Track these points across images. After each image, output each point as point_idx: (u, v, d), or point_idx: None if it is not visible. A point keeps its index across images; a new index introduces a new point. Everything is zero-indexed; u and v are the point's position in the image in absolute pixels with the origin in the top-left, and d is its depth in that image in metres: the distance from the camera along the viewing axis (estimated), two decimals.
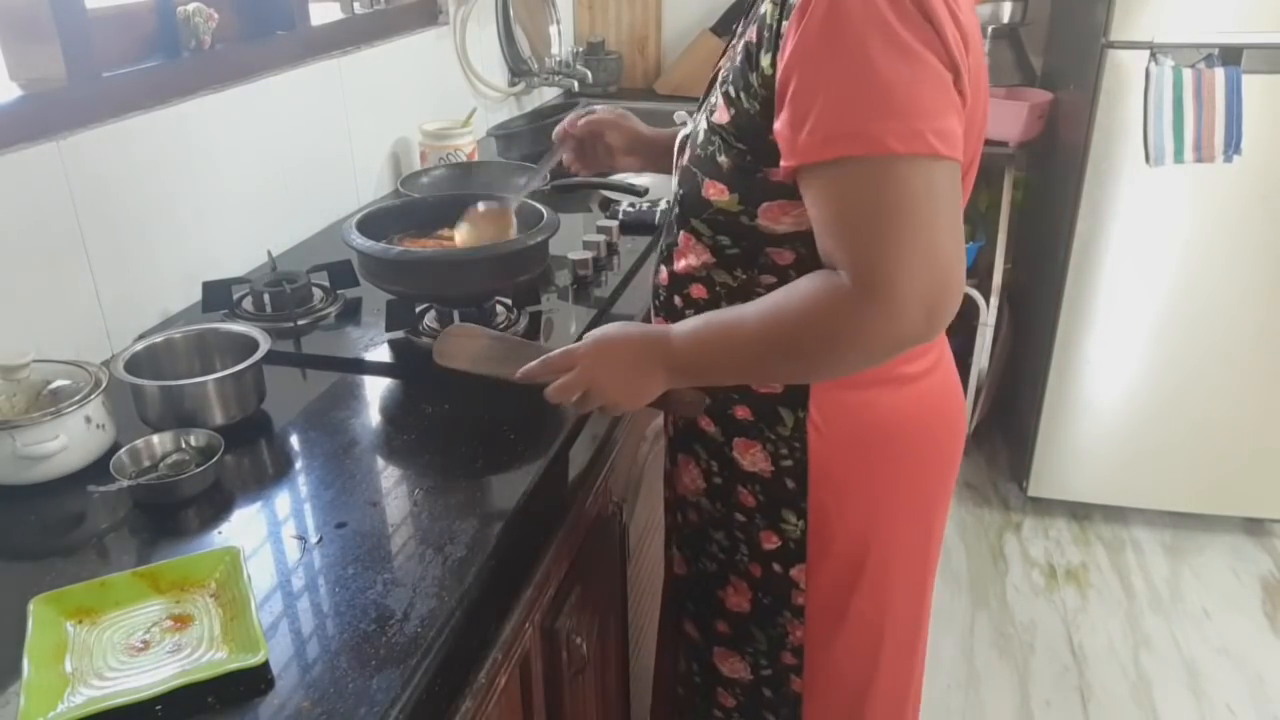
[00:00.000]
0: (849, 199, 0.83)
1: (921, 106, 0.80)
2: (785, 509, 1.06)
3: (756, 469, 1.06)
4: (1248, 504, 2.52)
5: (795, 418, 1.01)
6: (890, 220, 0.81)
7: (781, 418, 1.02)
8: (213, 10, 1.49)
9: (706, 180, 0.97)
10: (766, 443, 1.04)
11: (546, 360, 0.98)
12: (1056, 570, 2.44)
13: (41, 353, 1.08)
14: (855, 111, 0.80)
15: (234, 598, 0.83)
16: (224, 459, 1.01)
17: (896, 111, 0.79)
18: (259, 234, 1.56)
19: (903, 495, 1.08)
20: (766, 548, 1.09)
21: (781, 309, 0.89)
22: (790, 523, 1.06)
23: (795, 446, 1.02)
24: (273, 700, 0.73)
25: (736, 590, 1.14)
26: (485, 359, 1.04)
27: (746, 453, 1.06)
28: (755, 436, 1.04)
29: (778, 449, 1.03)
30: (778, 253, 0.96)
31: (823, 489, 1.03)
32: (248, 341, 1.15)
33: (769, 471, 1.05)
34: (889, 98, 0.79)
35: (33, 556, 0.92)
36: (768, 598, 1.11)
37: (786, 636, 1.13)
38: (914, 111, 0.79)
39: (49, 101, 1.23)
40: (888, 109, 0.79)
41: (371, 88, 1.86)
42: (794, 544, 1.07)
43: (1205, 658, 2.15)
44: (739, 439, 1.06)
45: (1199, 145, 2.14)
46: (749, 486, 1.07)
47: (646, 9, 2.84)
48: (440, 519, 0.94)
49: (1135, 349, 2.38)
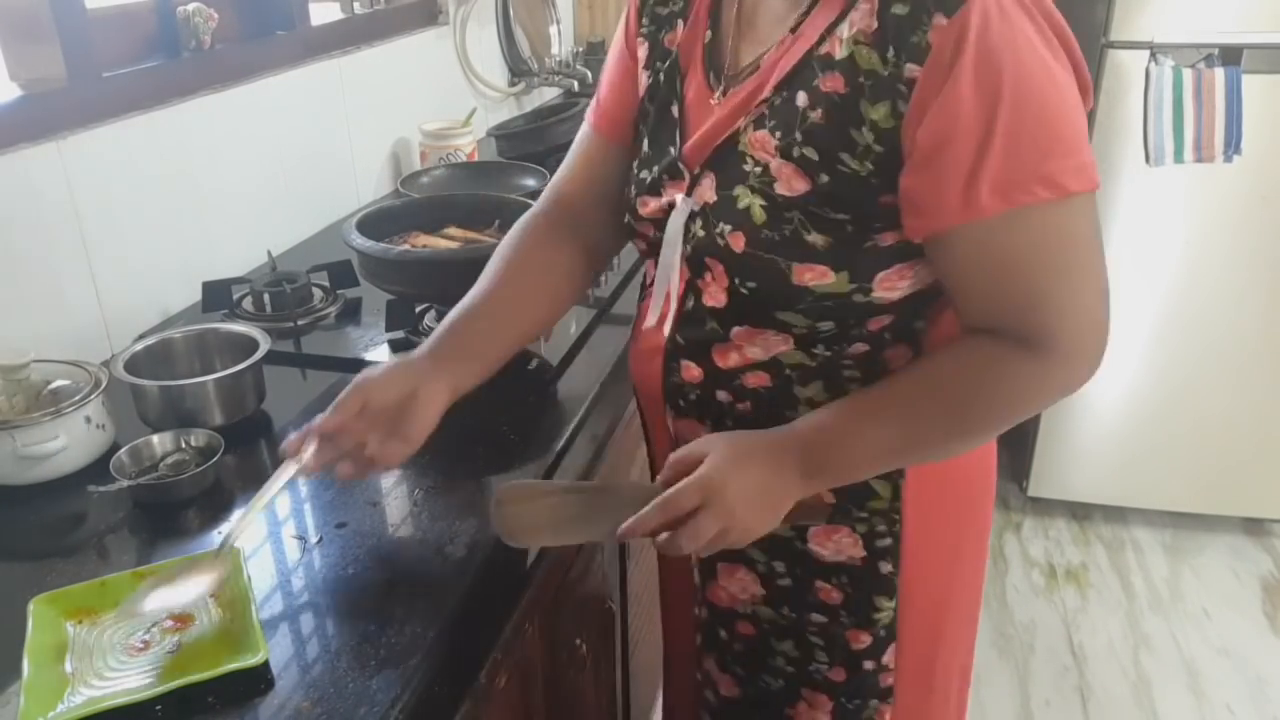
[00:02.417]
0: (1024, 251, 0.75)
1: (1080, 138, 0.74)
2: (878, 595, 0.93)
3: (843, 558, 0.92)
4: (1248, 504, 2.52)
5: (892, 486, 0.89)
6: (1070, 267, 0.76)
7: (875, 491, 0.89)
8: (213, 10, 1.49)
9: (795, 265, 0.81)
10: (856, 524, 0.91)
11: (665, 504, 0.77)
12: (1056, 570, 2.44)
13: (41, 353, 1.07)
14: (1032, 157, 0.72)
15: (234, 598, 0.83)
16: (224, 459, 1.01)
17: (1067, 148, 0.73)
18: (259, 234, 1.56)
19: (971, 543, 0.99)
20: (855, 648, 0.96)
21: (949, 385, 0.80)
22: (884, 609, 0.94)
23: (894, 519, 0.90)
24: (273, 700, 0.73)
25: (813, 705, 1.00)
26: (566, 523, 0.84)
27: (828, 542, 0.92)
28: (840, 521, 0.91)
29: (872, 528, 0.91)
30: (876, 320, 0.85)
31: (916, 557, 0.92)
32: (248, 341, 1.15)
33: (860, 558, 0.92)
34: (1059, 134, 0.73)
35: (33, 556, 0.92)
36: (853, 701, 0.99)
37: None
38: (1078, 145, 0.74)
39: (49, 101, 1.23)
40: (1060, 146, 0.73)
41: (371, 88, 1.86)
42: (885, 630, 0.95)
43: (1205, 658, 2.15)
44: (816, 529, 0.92)
45: (1199, 145, 2.13)
46: (832, 580, 0.94)
47: None
48: (440, 519, 0.94)
49: (1135, 349, 2.38)
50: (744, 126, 0.83)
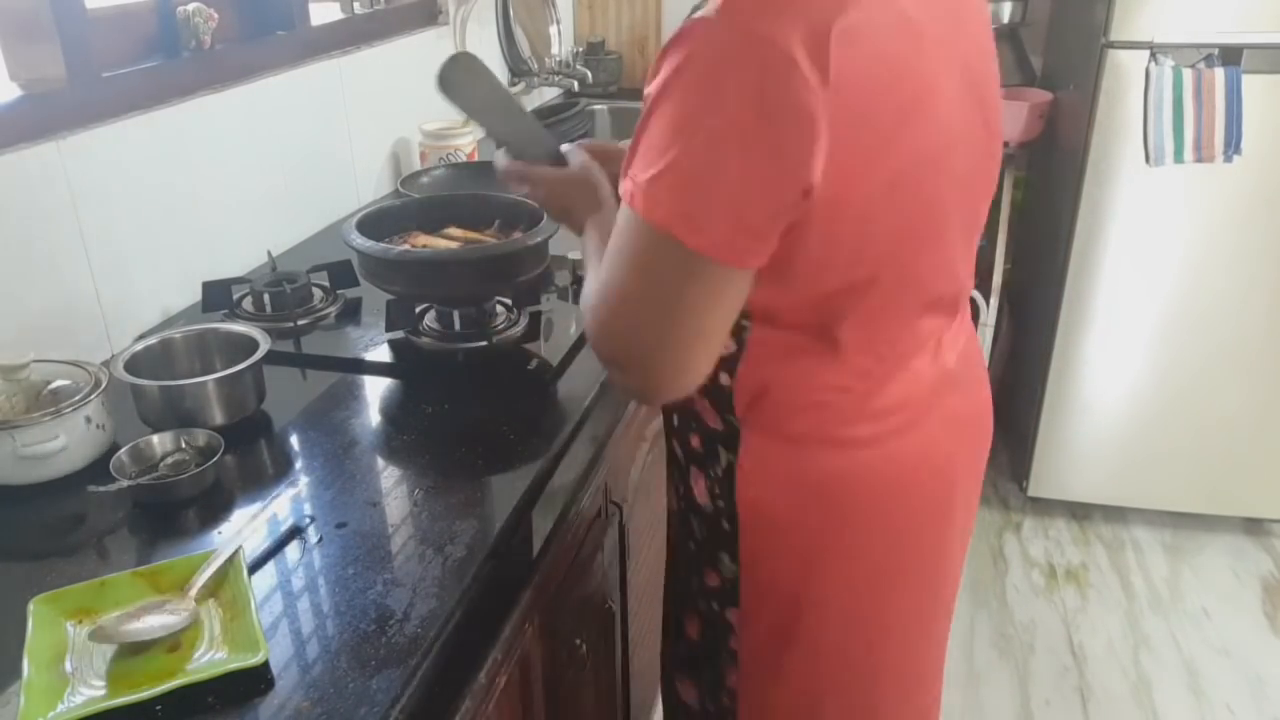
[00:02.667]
0: (612, 239, 0.83)
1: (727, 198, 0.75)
2: (721, 550, 1.01)
3: (701, 501, 1.01)
4: (1248, 504, 2.52)
5: (727, 459, 0.96)
6: (624, 273, 0.81)
7: (719, 456, 0.97)
8: (213, 10, 1.49)
9: None
10: (708, 479, 1.00)
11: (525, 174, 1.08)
12: (1056, 570, 2.44)
13: (41, 353, 1.07)
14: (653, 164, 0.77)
15: (234, 598, 0.83)
16: (224, 459, 1.01)
17: (693, 190, 0.76)
18: (259, 234, 1.56)
19: (842, 563, 0.98)
20: (709, 585, 1.05)
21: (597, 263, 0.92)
22: (725, 564, 1.01)
23: (727, 488, 0.97)
24: (273, 700, 0.73)
25: (690, 620, 1.11)
26: (482, 108, 1.08)
27: (696, 482, 1.02)
28: (700, 468, 1.00)
29: (713, 487, 0.99)
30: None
31: (754, 537, 0.97)
32: (248, 341, 1.15)
33: (710, 508, 1.01)
34: (688, 171, 0.75)
35: (33, 556, 0.92)
36: (710, 634, 1.08)
37: (723, 679, 1.08)
38: (711, 199, 0.76)
39: (49, 101, 1.23)
40: (685, 182, 0.76)
41: (371, 88, 1.86)
42: (729, 585, 1.02)
43: (1205, 658, 2.15)
44: (693, 467, 1.02)
45: (1199, 145, 2.14)
46: (697, 517, 1.03)
47: (646, 9, 2.84)
48: (440, 519, 0.94)
49: (1135, 349, 2.38)
50: None
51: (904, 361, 0.93)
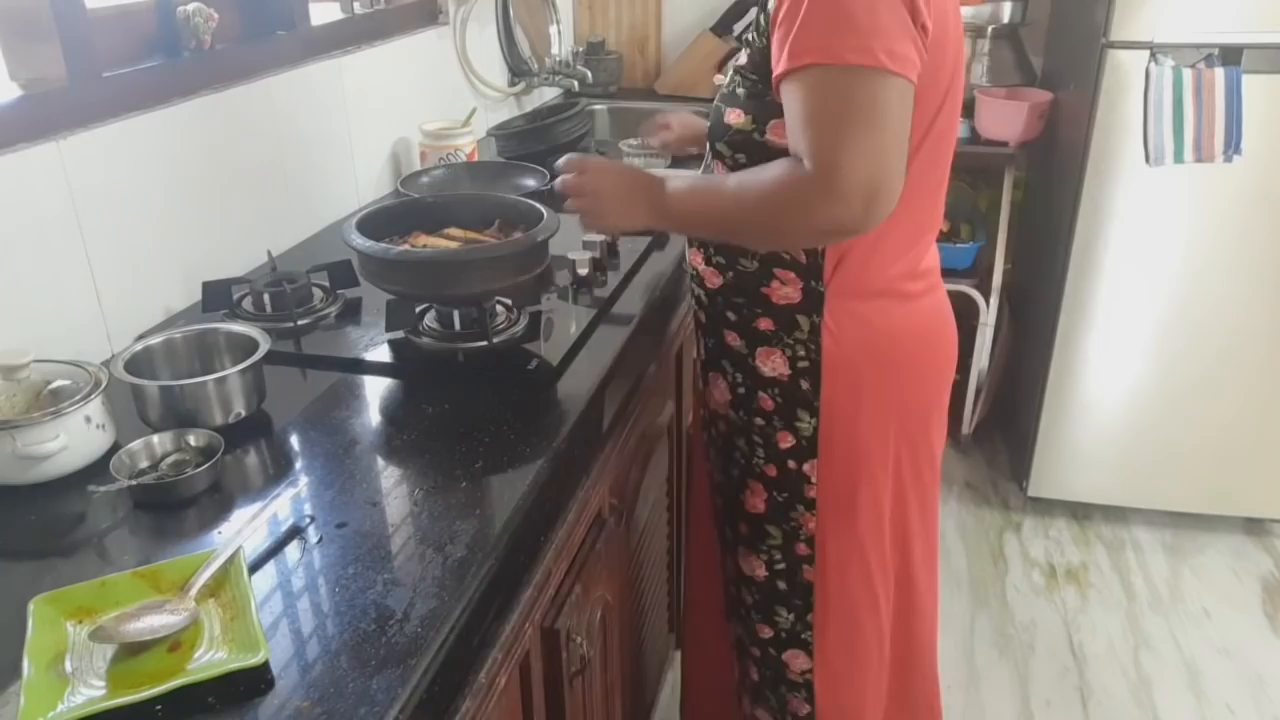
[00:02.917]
0: (812, 99, 0.99)
1: (877, 29, 0.96)
2: (800, 408, 1.20)
3: (776, 374, 1.21)
4: (1248, 504, 2.52)
5: (811, 323, 1.17)
6: (842, 118, 0.97)
7: (799, 324, 1.17)
8: (213, 10, 1.49)
9: (727, 109, 1.14)
10: (785, 348, 1.19)
11: (568, 159, 1.21)
12: (1056, 570, 2.44)
13: (41, 353, 1.07)
14: (821, 30, 0.97)
15: (234, 598, 0.83)
16: (224, 459, 1.01)
17: (855, 30, 0.96)
18: (259, 234, 1.56)
19: (903, 397, 1.22)
20: (783, 447, 1.23)
21: (753, 180, 1.07)
22: (804, 420, 1.21)
23: (811, 348, 1.17)
24: (273, 700, 0.73)
25: (754, 492, 1.29)
26: None
27: (768, 360, 1.21)
28: (776, 344, 1.20)
29: (795, 352, 1.19)
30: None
31: (833, 388, 1.18)
32: (248, 341, 1.15)
33: (786, 375, 1.20)
34: (849, 19, 0.96)
35: (33, 556, 0.92)
36: (783, 494, 1.26)
37: (800, 529, 1.27)
38: (869, 32, 0.96)
39: (49, 101, 1.23)
40: (848, 28, 0.96)
41: (371, 88, 1.86)
42: (806, 440, 1.22)
43: (1205, 658, 2.15)
44: (761, 349, 1.21)
45: (1199, 145, 2.14)
46: (769, 391, 1.22)
47: (646, 9, 2.84)
48: (440, 519, 0.94)
49: (1135, 349, 2.38)
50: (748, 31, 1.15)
51: (931, 232, 1.22)
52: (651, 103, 2.68)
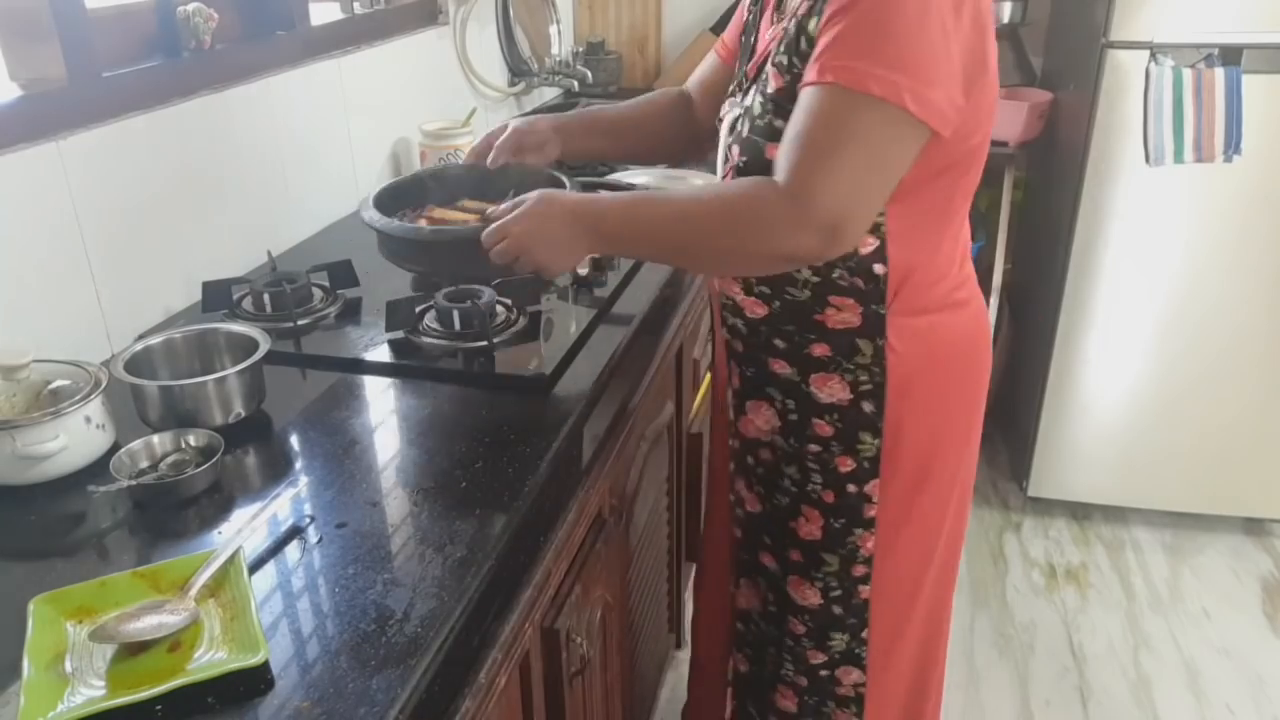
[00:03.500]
0: (817, 117, 0.95)
1: (916, 64, 0.91)
2: (862, 431, 1.16)
3: (834, 399, 1.15)
4: (1248, 504, 2.52)
5: (874, 346, 1.12)
6: (838, 147, 0.93)
7: (859, 348, 1.12)
8: (213, 10, 1.49)
9: (766, 144, 1.06)
10: (845, 373, 1.14)
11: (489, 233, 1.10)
12: (1056, 570, 2.44)
13: (41, 353, 1.07)
14: (855, 48, 0.92)
15: (234, 598, 0.83)
16: (224, 459, 1.01)
17: (890, 59, 0.91)
18: (259, 234, 1.56)
19: (961, 403, 1.21)
20: (842, 471, 1.18)
21: (712, 196, 1.03)
22: (866, 443, 1.16)
23: (875, 371, 1.13)
24: (273, 700, 0.73)
25: (808, 519, 1.23)
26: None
27: (824, 386, 1.15)
28: (833, 370, 1.14)
29: (856, 376, 1.14)
30: None
31: (898, 407, 1.14)
32: (248, 341, 1.15)
33: (847, 399, 1.15)
34: (889, 44, 0.91)
35: (33, 556, 0.92)
36: (840, 520, 1.21)
37: (858, 550, 1.22)
38: (904, 65, 0.91)
39: (49, 101, 1.23)
40: (883, 54, 0.91)
41: (371, 88, 1.86)
42: (868, 462, 1.17)
43: (1205, 658, 2.15)
44: (817, 375, 1.16)
45: (1199, 145, 2.14)
46: (826, 417, 1.17)
47: (646, 9, 2.84)
48: (440, 519, 0.94)
49: (1135, 349, 2.38)
50: (770, 49, 1.08)
51: (967, 239, 1.19)
52: None
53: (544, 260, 1.08)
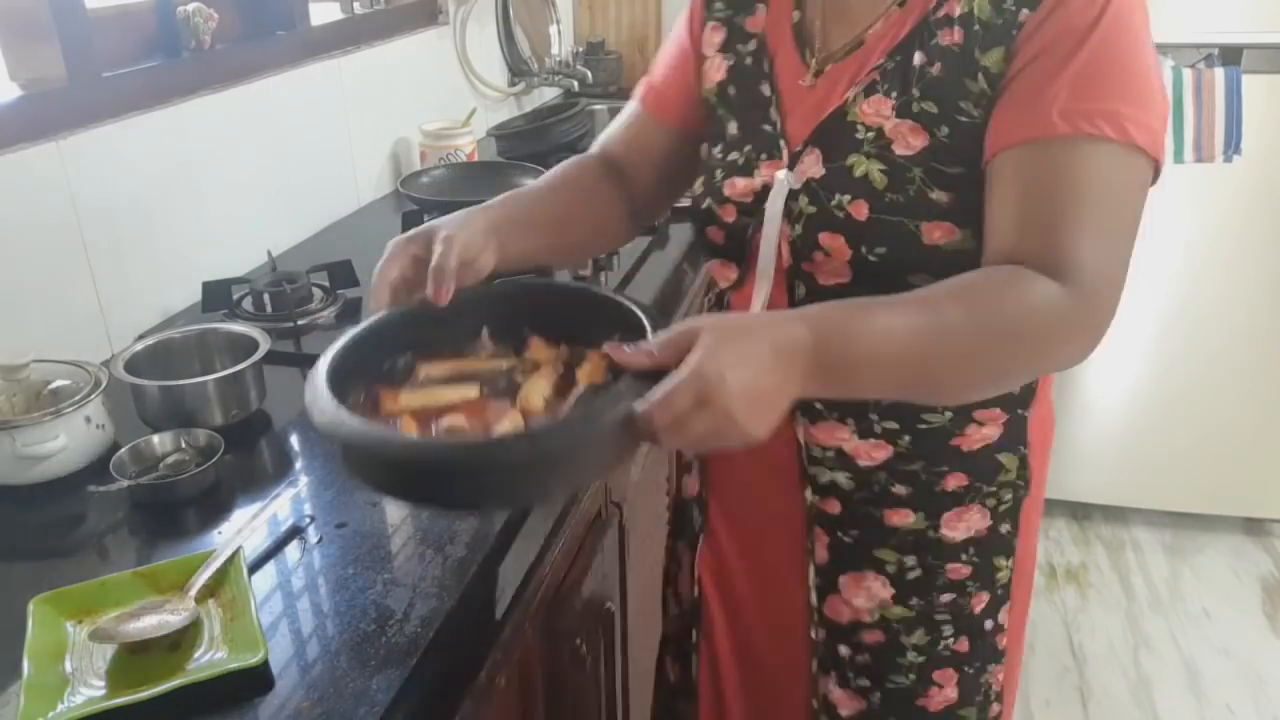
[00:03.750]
0: (1072, 177, 0.74)
1: (1154, 101, 0.76)
2: (998, 556, 0.95)
3: (971, 533, 0.93)
4: (1248, 504, 2.52)
5: (1019, 457, 0.92)
6: (1109, 214, 0.75)
7: (1002, 465, 0.91)
8: (213, 10, 1.49)
9: (923, 224, 0.80)
10: (985, 499, 0.92)
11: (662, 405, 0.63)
12: (1056, 570, 2.44)
13: (41, 353, 1.07)
14: (1105, 91, 0.74)
15: (234, 598, 0.83)
16: (224, 459, 1.01)
17: (1139, 100, 0.75)
18: (259, 234, 1.56)
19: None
20: (978, 611, 0.96)
21: (957, 295, 0.73)
22: (1003, 569, 0.96)
23: (1019, 485, 0.93)
24: (273, 700, 0.73)
25: (942, 684, 0.98)
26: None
27: (959, 523, 0.92)
28: (972, 500, 0.92)
29: (998, 499, 0.93)
30: None
31: (1033, 513, 0.97)
32: (248, 341, 1.15)
33: (985, 529, 0.93)
34: (1136, 85, 0.75)
35: (33, 556, 0.92)
36: (974, 665, 0.98)
37: (991, 689, 1.01)
38: (1150, 105, 0.75)
39: (49, 101, 1.23)
40: (1133, 96, 0.74)
41: (371, 88, 1.86)
42: (1003, 589, 0.97)
43: (1205, 658, 2.15)
44: (949, 513, 0.92)
45: (1199, 145, 2.14)
46: (961, 558, 0.94)
47: (646, 9, 2.84)
48: (440, 519, 0.94)
49: (1135, 349, 2.38)
50: (852, 98, 0.84)
51: None
52: None
53: (753, 431, 0.65)
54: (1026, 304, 0.72)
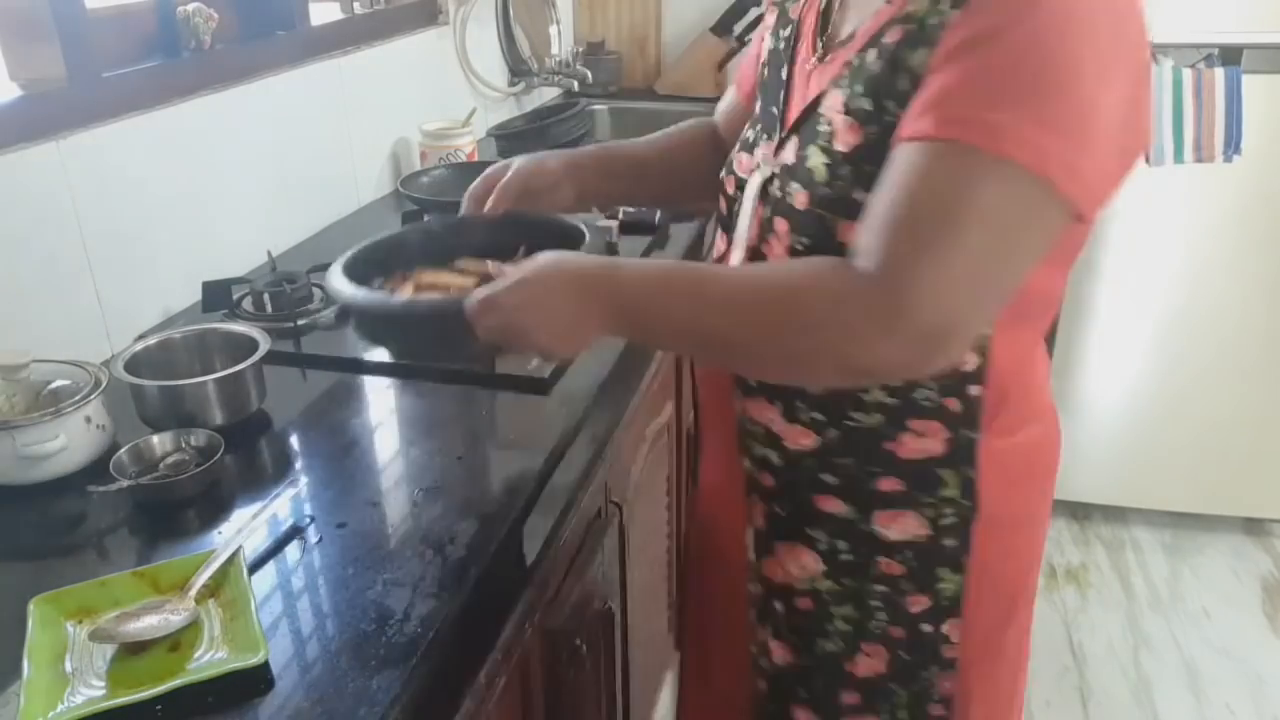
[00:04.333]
0: (927, 185, 0.70)
1: (1071, 126, 0.69)
2: (941, 567, 0.94)
3: (909, 537, 0.93)
4: (1248, 504, 2.52)
5: (961, 478, 0.90)
6: (954, 224, 0.69)
7: (942, 480, 0.90)
8: (213, 10, 1.49)
9: (841, 222, 0.80)
10: (924, 509, 0.92)
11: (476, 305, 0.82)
12: (1056, 570, 2.44)
13: (41, 353, 1.07)
14: (997, 94, 0.69)
15: (234, 598, 0.83)
16: (224, 459, 1.01)
17: (1041, 114, 0.68)
18: (259, 234, 1.56)
19: (1042, 532, 1.03)
20: (913, 610, 0.96)
21: (773, 272, 0.80)
22: (947, 580, 0.95)
23: (964, 505, 0.91)
24: (273, 700, 0.73)
25: (870, 655, 1.00)
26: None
27: (893, 523, 0.93)
28: (907, 506, 0.92)
29: (938, 511, 0.92)
30: None
31: (988, 540, 0.93)
32: (248, 341, 1.15)
33: (926, 535, 0.93)
34: (1047, 94, 0.68)
35: (33, 556, 0.92)
36: (910, 654, 0.99)
37: (932, 689, 1.00)
38: (1060, 124, 0.69)
39: (49, 101, 1.23)
40: (1032, 105, 0.69)
41: (371, 88, 1.86)
42: (948, 601, 0.96)
43: (1205, 658, 2.15)
44: (882, 512, 0.93)
45: (1199, 145, 2.14)
46: (896, 556, 0.94)
47: (646, 9, 2.84)
48: (440, 519, 0.94)
49: (1135, 349, 2.38)
50: (827, 89, 0.84)
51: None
52: (651, 103, 2.68)
53: (543, 343, 0.82)
54: (812, 283, 0.75)
